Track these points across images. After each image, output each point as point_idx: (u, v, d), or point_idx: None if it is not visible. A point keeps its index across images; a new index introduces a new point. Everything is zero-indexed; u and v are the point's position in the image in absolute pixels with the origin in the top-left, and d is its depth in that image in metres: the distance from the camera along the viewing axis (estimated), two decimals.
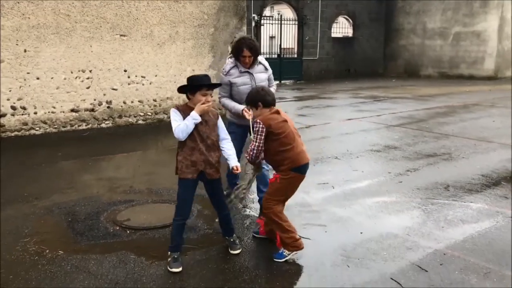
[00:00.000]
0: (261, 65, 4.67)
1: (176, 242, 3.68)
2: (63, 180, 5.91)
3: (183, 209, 3.69)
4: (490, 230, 4.32)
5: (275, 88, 4.86)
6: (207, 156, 3.61)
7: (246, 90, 4.32)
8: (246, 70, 4.53)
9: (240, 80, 4.52)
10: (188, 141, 3.58)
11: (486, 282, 3.39)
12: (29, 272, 3.58)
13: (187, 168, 3.59)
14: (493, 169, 6.34)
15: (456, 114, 11.04)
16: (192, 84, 3.57)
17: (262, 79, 4.64)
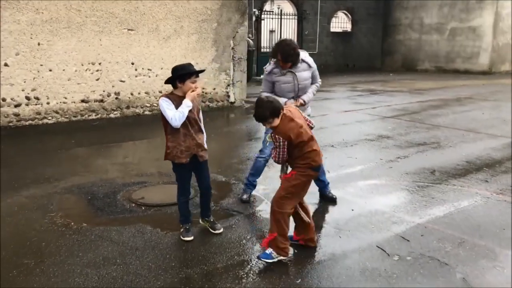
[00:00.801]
0: (304, 63, 4.69)
1: (184, 216, 4.08)
2: (79, 164, 6.39)
3: (184, 189, 4.03)
4: (467, 208, 4.82)
5: (319, 85, 4.90)
6: (197, 139, 3.84)
7: (289, 88, 4.64)
8: (289, 70, 4.62)
9: (283, 79, 4.65)
10: (182, 128, 3.75)
11: (460, 250, 3.89)
12: (59, 240, 4.07)
13: (182, 153, 3.80)
14: (478, 156, 6.83)
15: (448, 106, 11.51)
16: (182, 72, 3.70)
17: (305, 77, 4.70)
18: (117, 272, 3.51)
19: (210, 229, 4.17)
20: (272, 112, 3.53)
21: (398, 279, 3.43)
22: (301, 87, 4.69)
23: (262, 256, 3.66)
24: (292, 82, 4.63)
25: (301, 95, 4.72)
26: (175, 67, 3.76)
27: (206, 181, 4.09)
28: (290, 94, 4.68)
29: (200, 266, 3.62)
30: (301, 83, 4.66)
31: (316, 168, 3.69)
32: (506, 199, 5.07)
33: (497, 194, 5.23)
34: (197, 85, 3.75)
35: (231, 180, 5.73)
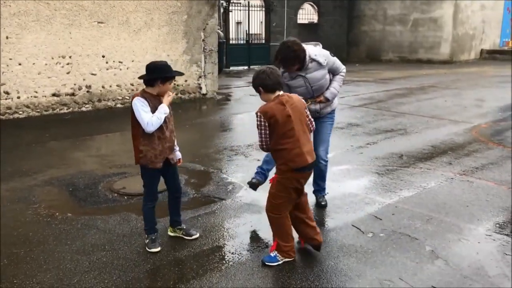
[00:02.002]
0: (315, 62, 4.21)
1: (151, 224, 3.79)
2: (56, 158, 6.41)
3: (152, 195, 3.77)
4: (434, 188, 5.15)
5: (344, 75, 4.45)
6: (171, 143, 3.67)
7: (302, 91, 4.18)
8: (298, 74, 4.24)
9: (294, 83, 4.28)
10: (158, 132, 3.54)
11: (428, 226, 4.19)
12: (45, 230, 4.15)
13: (156, 158, 3.57)
14: (442, 141, 7.22)
15: (413, 95, 11.97)
16: (168, 75, 3.51)
17: (319, 77, 4.25)
18: (107, 258, 3.65)
19: (185, 236, 3.91)
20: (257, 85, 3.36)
21: (373, 253, 3.69)
22: (316, 88, 4.27)
23: (265, 259, 3.48)
24: (304, 86, 4.24)
25: (318, 95, 4.32)
26: (157, 65, 3.53)
27: (178, 184, 3.91)
28: (306, 96, 4.24)
29: (187, 249, 3.78)
30: (314, 85, 4.24)
31: (298, 169, 3.32)
32: (468, 179, 5.44)
33: (460, 175, 5.59)
34: (169, 87, 3.60)
35: (210, 169, 5.90)
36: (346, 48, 24.06)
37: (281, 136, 3.27)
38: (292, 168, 3.30)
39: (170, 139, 3.66)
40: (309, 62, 4.17)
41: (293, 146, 3.27)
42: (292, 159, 3.29)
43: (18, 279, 3.35)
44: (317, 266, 3.51)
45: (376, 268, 3.47)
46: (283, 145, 3.28)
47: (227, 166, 6.08)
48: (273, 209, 3.43)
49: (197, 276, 3.38)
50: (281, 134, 3.27)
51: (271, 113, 3.25)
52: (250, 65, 19.75)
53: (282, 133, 3.26)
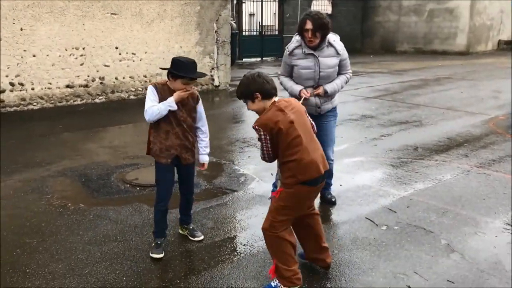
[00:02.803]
0: (332, 47, 4.01)
1: (160, 227, 3.63)
2: (69, 149, 6.44)
3: (162, 193, 3.57)
4: (450, 181, 5.06)
5: (349, 76, 4.25)
6: (183, 140, 3.47)
7: (308, 75, 4.02)
8: (311, 52, 3.98)
9: (302, 63, 4.02)
10: (163, 124, 3.42)
11: (444, 219, 4.12)
12: (58, 220, 4.16)
13: (161, 152, 3.46)
14: (458, 133, 7.10)
15: (428, 86, 11.79)
16: (177, 72, 3.34)
17: (330, 64, 4.02)
18: (119, 248, 3.64)
19: (190, 236, 3.78)
20: (243, 93, 2.98)
21: (387, 246, 3.63)
22: (323, 75, 4.02)
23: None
24: (312, 68, 4.00)
25: (322, 84, 4.07)
26: (174, 60, 3.37)
27: (190, 187, 3.73)
28: (309, 82, 4.06)
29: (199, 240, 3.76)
30: (323, 71, 4.00)
31: (309, 182, 2.88)
32: (485, 172, 5.33)
33: (477, 168, 5.49)
34: (188, 88, 3.40)
35: (222, 161, 5.87)
36: (360, 39, 23.82)
37: (286, 147, 2.85)
38: (301, 181, 2.85)
39: (181, 136, 3.45)
40: (325, 45, 3.98)
41: (302, 156, 2.83)
42: (301, 171, 2.84)
43: (31, 268, 3.36)
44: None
45: (390, 261, 3.41)
46: (291, 157, 2.84)
47: (239, 158, 6.05)
48: (271, 227, 2.95)
49: (209, 267, 3.36)
50: (287, 144, 2.84)
51: (271, 124, 2.83)
52: (263, 57, 19.65)
53: (288, 143, 2.84)
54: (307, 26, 3.85)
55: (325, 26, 3.87)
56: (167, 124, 3.41)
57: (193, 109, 3.52)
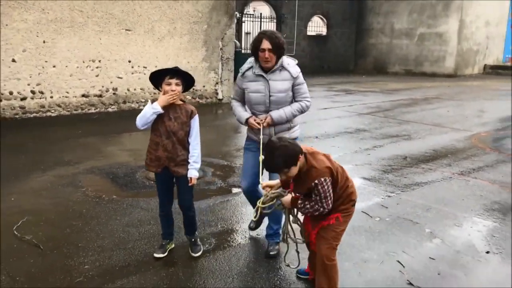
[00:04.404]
0: (286, 71, 3.74)
1: (164, 230, 3.88)
2: (92, 151, 7.08)
3: (160, 200, 3.76)
4: (434, 185, 5.79)
5: (305, 105, 3.83)
6: (171, 153, 3.52)
7: (258, 99, 3.77)
8: (261, 74, 3.73)
9: (252, 86, 3.78)
10: (153, 136, 3.54)
11: (428, 213, 4.82)
12: (96, 208, 4.81)
13: (151, 161, 3.59)
14: (443, 146, 7.85)
15: (417, 105, 12.61)
16: (153, 74, 3.45)
17: (281, 89, 3.72)
18: (153, 230, 4.29)
19: (190, 249, 3.86)
20: (286, 161, 2.82)
21: (380, 233, 4.32)
22: (274, 100, 3.73)
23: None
24: (263, 92, 3.73)
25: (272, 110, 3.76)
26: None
27: (184, 200, 3.73)
28: (259, 107, 3.79)
29: (221, 226, 4.43)
30: (273, 95, 3.71)
31: (354, 203, 3.13)
32: (465, 178, 6.07)
33: (458, 175, 6.22)
34: (172, 87, 3.40)
35: (232, 164, 6.55)
36: (353, 59, 24.78)
37: (346, 178, 3.03)
38: (355, 202, 3.10)
39: (170, 149, 3.51)
40: (279, 69, 3.73)
41: (350, 182, 3.07)
42: (354, 193, 3.08)
43: (82, 243, 4.00)
44: None
45: (383, 243, 4.09)
46: (346, 186, 3.02)
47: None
48: (333, 254, 3.03)
49: (228, 246, 4.02)
50: (345, 176, 3.03)
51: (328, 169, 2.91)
52: None
53: (345, 175, 3.03)
54: (264, 46, 3.60)
55: (281, 46, 3.65)
56: (157, 136, 3.51)
57: (186, 123, 3.52)
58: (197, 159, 3.60)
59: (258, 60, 3.73)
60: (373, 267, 3.68)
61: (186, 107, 3.53)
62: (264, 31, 3.75)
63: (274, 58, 3.67)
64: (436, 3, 21.30)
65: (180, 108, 3.51)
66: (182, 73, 3.47)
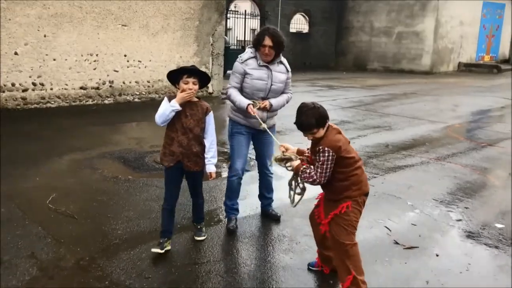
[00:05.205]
0: (282, 65, 4.22)
1: (164, 228, 3.85)
2: (99, 139, 7.58)
3: (167, 194, 3.83)
4: (414, 168, 6.51)
5: (290, 96, 4.39)
6: (186, 149, 3.64)
7: (260, 86, 4.10)
8: (265, 65, 4.11)
9: (256, 73, 4.10)
10: (169, 131, 3.66)
11: (409, 190, 5.52)
12: (115, 186, 5.35)
13: (165, 156, 3.70)
14: (421, 135, 8.60)
15: (396, 99, 13.41)
16: (173, 72, 3.60)
17: (281, 79, 4.20)
18: None
19: (194, 234, 4.10)
20: (318, 120, 3.07)
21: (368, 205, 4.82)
22: (274, 88, 4.18)
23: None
24: (265, 80, 4.11)
25: (270, 98, 4.20)
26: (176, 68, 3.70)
27: (197, 194, 3.97)
28: (260, 94, 4.15)
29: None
30: (274, 84, 4.15)
31: (367, 194, 3.26)
32: (441, 163, 6.80)
33: (435, 160, 6.95)
34: (189, 86, 3.56)
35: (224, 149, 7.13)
36: (334, 57, 25.56)
37: (346, 165, 3.12)
38: (364, 192, 3.23)
39: (185, 145, 3.64)
40: (277, 62, 4.18)
41: (361, 171, 3.22)
42: (364, 183, 3.22)
43: (110, 214, 4.55)
44: None
45: (371, 213, 4.74)
46: (353, 172, 3.15)
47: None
48: (351, 239, 3.16)
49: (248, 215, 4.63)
50: (346, 162, 3.12)
51: (339, 144, 3.08)
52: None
53: (348, 161, 3.13)
54: (266, 42, 3.99)
55: (282, 44, 4.05)
56: (173, 132, 3.64)
57: (201, 120, 3.67)
58: (214, 154, 3.77)
59: (259, 52, 4.09)
60: (364, 231, 4.34)
61: (201, 104, 3.70)
62: (267, 27, 4.15)
63: (273, 54, 4.06)
64: (414, 3, 22.21)
65: (196, 105, 3.67)
66: (199, 72, 3.64)
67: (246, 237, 4.24)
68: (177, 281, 3.46)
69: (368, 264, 3.57)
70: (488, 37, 25.61)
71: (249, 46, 4.24)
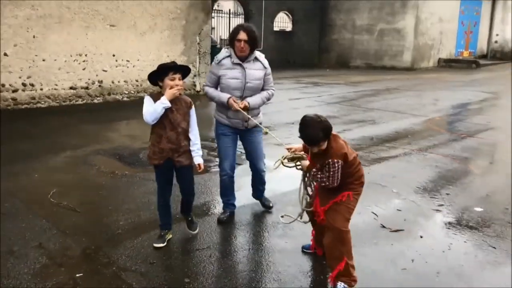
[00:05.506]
0: (258, 62, 4.26)
1: (163, 221, 4.03)
2: (93, 136, 7.74)
3: (160, 192, 3.97)
4: (397, 158, 6.83)
5: (271, 93, 4.40)
6: (176, 144, 3.69)
7: (236, 85, 4.17)
8: (239, 62, 4.16)
9: (230, 73, 4.17)
10: (157, 129, 3.67)
11: (394, 180, 5.82)
12: (113, 181, 5.56)
13: (154, 154, 3.74)
14: (404, 129, 8.95)
15: (379, 95, 13.77)
16: (157, 70, 3.61)
17: (257, 76, 4.22)
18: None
19: (187, 226, 4.17)
20: (325, 133, 3.15)
21: None
22: (249, 86, 4.22)
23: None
24: (240, 79, 4.16)
25: (248, 96, 4.23)
26: (156, 68, 3.68)
27: (186, 188, 3.98)
28: (236, 92, 4.20)
29: None
30: (249, 82, 4.19)
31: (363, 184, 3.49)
32: (423, 153, 7.13)
33: (417, 151, 7.28)
34: (176, 82, 3.59)
35: None
36: (318, 54, 25.91)
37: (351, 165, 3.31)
38: (363, 183, 3.46)
39: (174, 140, 3.69)
40: (252, 59, 4.22)
41: (361, 166, 3.43)
42: (363, 175, 3.47)
43: (111, 207, 4.77)
44: None
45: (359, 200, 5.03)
46: (357, 169, 3.38)
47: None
48: (346, 226, 3.36)
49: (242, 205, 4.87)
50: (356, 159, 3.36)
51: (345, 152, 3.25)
52: None
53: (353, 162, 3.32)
54: (241, 37, 4.05)
55: (256, 39, 4.14)
56: (161, 129, 3.66)
57: (187, 113, 3.75)
58: (199, 146, 3.88)
59: (234, 50, 4.16)
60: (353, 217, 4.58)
61: (184, 98, 3.75)
62: (242, 24, 4.28)
63: (248, 49, 4.13)
64: (394, 1, 22.66)
65: (179, 100, 3.70)
66: (182, 68, 3.70)
67: (242, 225, 4.49)
68: (181, 265, 3.70)
69: (357, 247, 3.83)
70: (467, 33, 26.23)
71: (226, 45, 4.39)
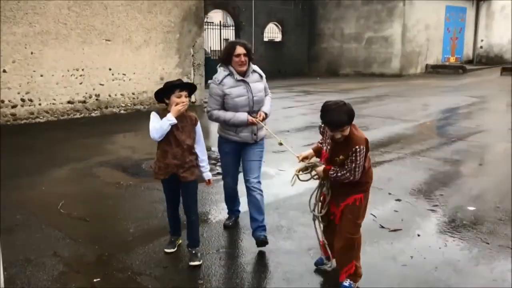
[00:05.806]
0: (256, 73, 4.20)
1: (172, 228, 4.19)
2: (94, 149, 7.91)
3: (168, 204, 4.09)
4: (391, 162, 7.08)
5: (271, 98, 4.44)
6: (180, 160, 3.72)
7: (243, 102, 4.06)
8: (242, 79, 4.07)
9: (235, 91, 4.05)
10: (163, 145, 3.71)
11: (389, 182, 6.06)
12: (118, 191, 5.73)
13: (160, 169, 3.79)
14: (396, 133, 9.22)
15: (370, 102, 14.08)
16: (164, 88, 3.66)
17: (259, 88, 4.17)
18: None
19: (189, 259, 3.93)
20: (349, 116, 3.11)
21: None
22: (256, 100, 4.15)
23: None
24: (246, 95, 4.07)
25: (256, 109, 4.16)
26: (165, 83, 3.75)
27: (189, 205, 3.92)
28: (245, 109, 4.10)
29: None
30: (255, 95, 4.12)
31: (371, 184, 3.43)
32: (416, 157, 7.40)
33: (410, 155, 7.55)
34: (182, 99, 3.64)
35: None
36: (307, 63, 26.29)
37: (367, 158, 3.26)
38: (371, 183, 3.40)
39: (179, 156, 3.72)
40: (251, 73, 4.15)
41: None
42: (372, 175, 3.39)
43: (120, 215, 4.94)
44: None
45: None
46: (369, 164, 3.32)
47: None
48: (357, 230, 3.35)
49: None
50: (367, 156, 3.28)
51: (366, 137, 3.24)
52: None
53: (368, 155, 3.26)
54: (239, 51, 3.99)
55: (251, 51, 4.11)
56: (167, 145, 3.70)
57: (192, 131, 3.78)
58: (207, 162, 3.95)
59: (232, 67, 4.06)
60: None
61: (189, 115, 3.80)
62: (234, 40, 4.35)
63: (247, 62, 4.06)
64: (381, 10, 23.13)
65: (185, 117, 3.75)
66: (188, 85, 3.76)
67: (247, 229, 4.65)
68: (192, 268, 3.87)
69: None
70: (452, 39, 26.78)
71: (219, 65, 4.20)
